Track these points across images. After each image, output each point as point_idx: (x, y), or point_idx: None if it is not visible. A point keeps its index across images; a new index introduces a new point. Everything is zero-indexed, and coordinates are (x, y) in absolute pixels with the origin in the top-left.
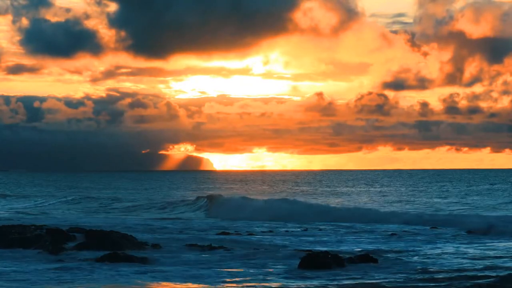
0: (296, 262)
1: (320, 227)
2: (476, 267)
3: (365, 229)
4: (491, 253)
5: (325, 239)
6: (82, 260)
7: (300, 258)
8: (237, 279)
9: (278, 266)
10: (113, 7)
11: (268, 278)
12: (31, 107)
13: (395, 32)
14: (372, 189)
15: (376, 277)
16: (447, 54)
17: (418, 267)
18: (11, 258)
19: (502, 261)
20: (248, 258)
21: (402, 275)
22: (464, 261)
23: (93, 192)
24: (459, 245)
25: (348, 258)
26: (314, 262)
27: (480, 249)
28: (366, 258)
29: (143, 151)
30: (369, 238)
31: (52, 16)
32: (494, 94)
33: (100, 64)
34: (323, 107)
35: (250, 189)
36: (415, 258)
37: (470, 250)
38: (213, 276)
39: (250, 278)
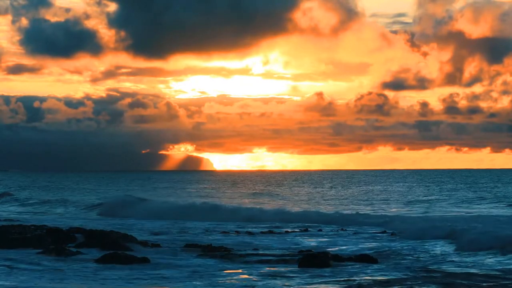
0: (296, 262)
1: (317, 227)
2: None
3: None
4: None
5: (326, 239)
6: (82, 260)
7: (300, 258)
8: (237, 278)
9: (278, 266)
10: (113, 7)
11: (269, 278)
12: (31, 107)
13: (395, 32)
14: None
15: (376, 275)
16: (446, 54)
17: (420, 265)
18: (11, 258)
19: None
20: (248, 258)
21: (403, 273)
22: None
23: (29, 193)
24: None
25: (347, 257)
26: (314, 262)
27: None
28: (365, 257)
29: (143, 151)
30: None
31: (52, 16)
32: (494, 94)
33: (100, 64)
34: (323, 107)
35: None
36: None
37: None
38: (214, 276)
39: (250, 278)
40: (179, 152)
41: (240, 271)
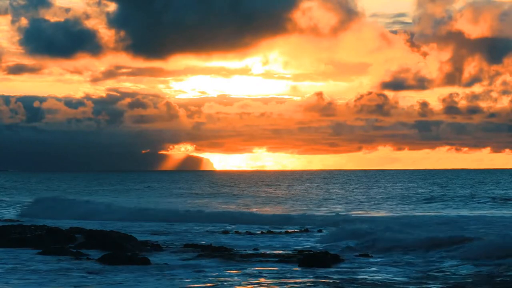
0: (297, 261)
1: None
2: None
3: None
4: None
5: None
6: (82, 260)
7: (300, 258)
8: (237, 279)
9: (278, 266)
10: (112, 7)
11: (270, 278)
12: (31, 107)
13: (394, 32)
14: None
15: (378, 273)
16: (446, 54)
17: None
18: (11, 259)
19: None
20: (249, 258)
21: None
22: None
23: None
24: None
25: (347, 257)
26: (314, 261)
27: None
28: (363, 255)
29: (143, 151)
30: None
31: (51, 16)
32: (494, 94)
33: (100, 64)
34: (323, 107)
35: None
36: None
37: None
38: (214, 276)
39: (251, 278)
40: (179, 152)
41: (240, 271)
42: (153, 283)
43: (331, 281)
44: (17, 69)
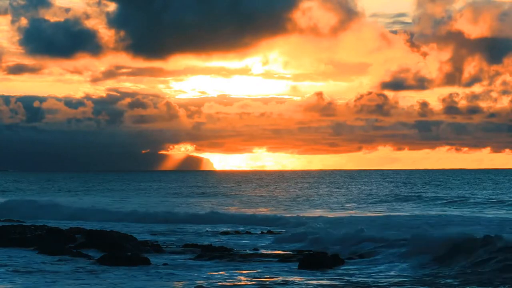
0: (297, 261)
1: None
2: None
3: None
4: None
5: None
6: (82, 261)
7: (300, 258)
8: (237, 279)
9: (278, 266)
10: (112, 7)
11: (270, 278)
12: (31, 107)
13: (394, 32)
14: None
15: (378, 273)
16: (446, 54)
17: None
18: (11, 259)
19: None
20: (248, 258)
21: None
22: None
23: None
24: None
25: (347, 257)
26: (314, 262)
27: None
28: (363, 255)
29: (143, 151)
30: None
31: (51, 16)
32: (494, 94)
33: (100, 64)
34: (323, 107)
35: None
36: None
37: None
38: (215, 276)
39: (251, 278)
40: (179, 152)
41: (240, 271)
42: (153, 283)
43: (331, 281)
44: (17, 69)
